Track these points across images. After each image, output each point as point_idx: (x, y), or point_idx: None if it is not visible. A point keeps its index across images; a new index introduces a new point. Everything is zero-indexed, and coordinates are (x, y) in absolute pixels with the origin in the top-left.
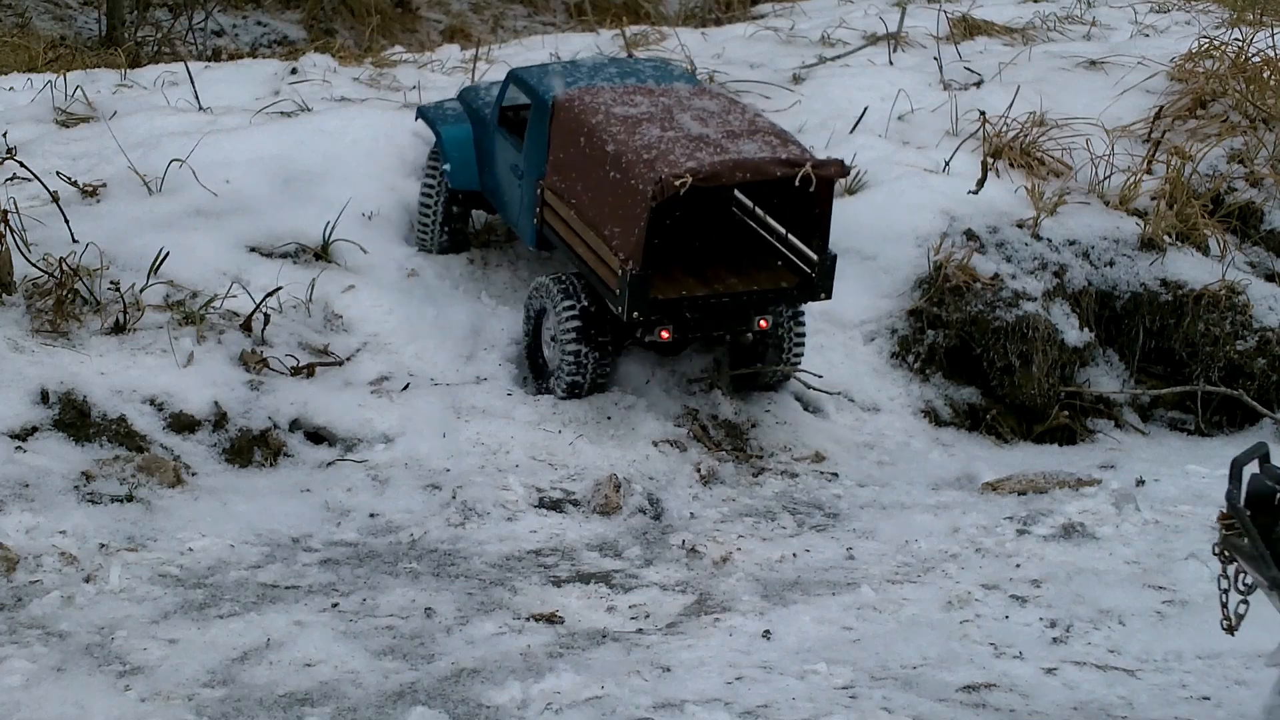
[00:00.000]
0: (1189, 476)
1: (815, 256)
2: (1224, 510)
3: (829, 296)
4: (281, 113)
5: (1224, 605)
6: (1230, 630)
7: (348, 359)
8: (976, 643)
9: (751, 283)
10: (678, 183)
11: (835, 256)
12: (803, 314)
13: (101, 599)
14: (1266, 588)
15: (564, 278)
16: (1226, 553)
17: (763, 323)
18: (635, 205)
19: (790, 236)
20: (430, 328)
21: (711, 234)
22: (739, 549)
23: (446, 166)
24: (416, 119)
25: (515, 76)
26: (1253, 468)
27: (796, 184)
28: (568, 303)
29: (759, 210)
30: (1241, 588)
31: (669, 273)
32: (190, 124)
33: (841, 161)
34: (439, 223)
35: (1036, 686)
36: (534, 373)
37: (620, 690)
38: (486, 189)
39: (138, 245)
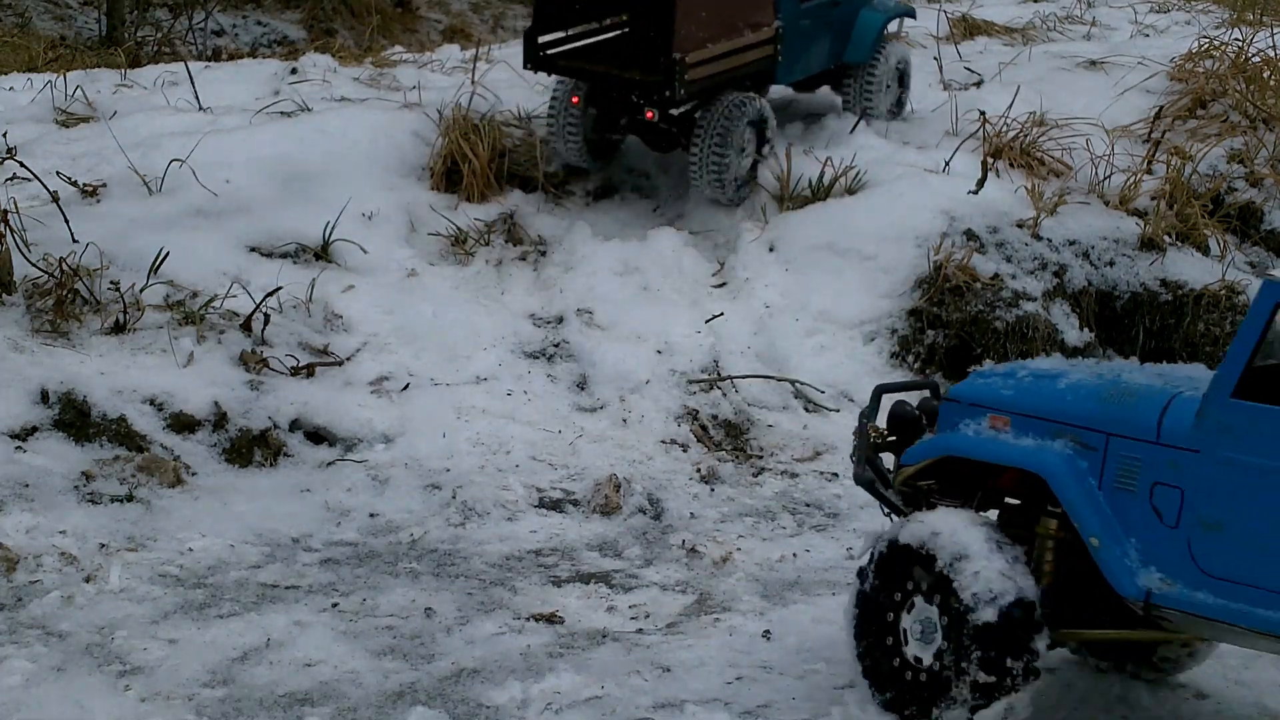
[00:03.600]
0: None
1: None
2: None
3: (673, 95)
4: (281, 113)
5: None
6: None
7: (348, 359)
8: None
9: (624, 73)
10: None
11: (674, 60)
12: (718, 139)
13: (101, 599)
14: (854, 481)
15: None
16: (855, 455)
17: (649, 114)
18: None
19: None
20: (430, 328)
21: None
22: (739, 549)
23: None
24: None
25: None
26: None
27: None
28: None
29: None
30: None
31: (594, 59)
32: (190, 124)
33: None
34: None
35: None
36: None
37: (620, 690)
38: None
39: (138, 245)
